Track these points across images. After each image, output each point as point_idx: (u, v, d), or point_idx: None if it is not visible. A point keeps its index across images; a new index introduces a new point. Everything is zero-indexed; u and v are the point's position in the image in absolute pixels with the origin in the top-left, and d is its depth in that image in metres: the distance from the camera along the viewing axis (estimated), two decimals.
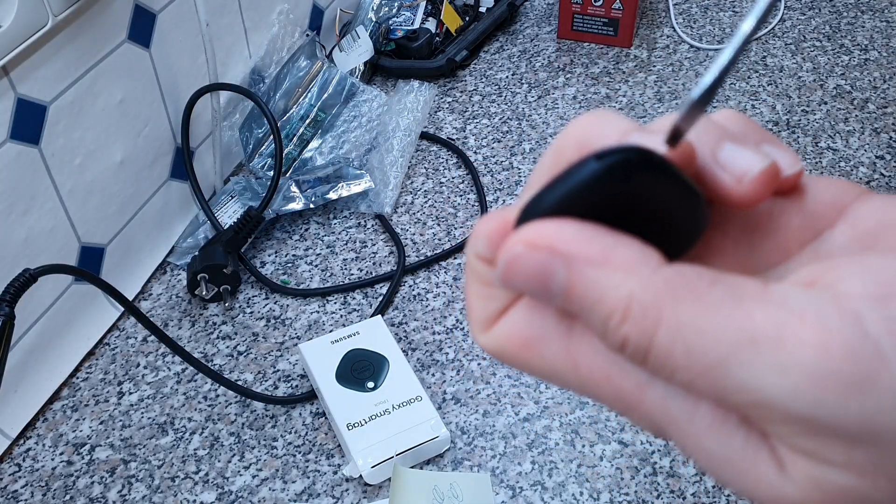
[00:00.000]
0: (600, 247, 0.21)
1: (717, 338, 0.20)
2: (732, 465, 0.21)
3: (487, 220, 0.23)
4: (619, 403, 0.23)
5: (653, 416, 0.22)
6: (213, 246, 0.76)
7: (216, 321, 0.76)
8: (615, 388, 0.22)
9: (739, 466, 0.21)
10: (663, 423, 0.22)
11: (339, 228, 0.84)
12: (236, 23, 0.87)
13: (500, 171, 0.90)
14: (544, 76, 1.03)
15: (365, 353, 0.68)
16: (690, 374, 0.20)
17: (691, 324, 0.20)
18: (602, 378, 0.23)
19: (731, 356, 0.19)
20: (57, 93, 0.65)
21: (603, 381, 0.23)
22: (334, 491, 0.63)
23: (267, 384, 0.70)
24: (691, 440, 0.22)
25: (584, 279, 0.21)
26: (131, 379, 0.71)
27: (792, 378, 0.19)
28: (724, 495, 0.61)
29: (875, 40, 1.07)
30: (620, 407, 0.23)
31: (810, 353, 0.19)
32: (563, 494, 0.62)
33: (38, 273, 0.57)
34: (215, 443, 0.66)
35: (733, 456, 0.21)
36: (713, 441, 0.21)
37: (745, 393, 0.19)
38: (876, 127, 0.94)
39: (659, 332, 0.20)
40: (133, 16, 0.72)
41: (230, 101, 0.88)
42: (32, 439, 0.67)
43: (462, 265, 0.80)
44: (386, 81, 1.04)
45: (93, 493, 0.63)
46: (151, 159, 0.78)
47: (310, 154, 0.89)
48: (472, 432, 0.66)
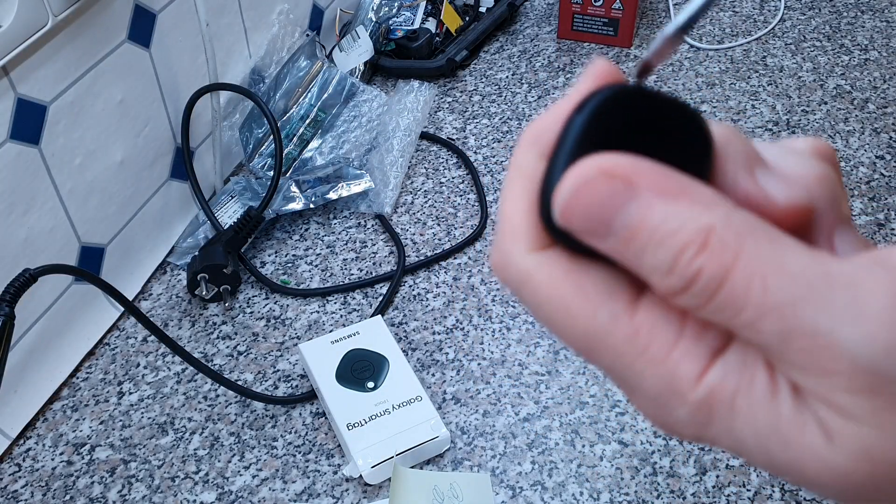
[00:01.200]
0: (677, 182, 0.20)
1: (794, 276, 0.19)
2: (779, 437, 0.20)
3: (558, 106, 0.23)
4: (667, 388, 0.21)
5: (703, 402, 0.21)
6: (213, 246, 0.76)
7: (216, 321, 0.76)
8: (671, 368, 0.21)
9: (787, 438, 0.20)
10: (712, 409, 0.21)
11: (339, 228, 0.84)
12: (236, 23, 0.87)
13: (500, 171, 0.90)
14: (544, 76, 1.03)
15: (365, 353, 0.68)
16: (761, 312, 0.19)
17: (771, 260, 0.19)
18: (660, 355, 0.21)
19: (807, 295, 0.19)
20: (57, 93, 0.65)
21: (660, 358, 0.21)
22: (334, 491, 0.63)
23: (267, 384, 0.70)
24: (741, 418, 0.21)
25: (659, 211, 0.20)
26: (131, 379, 0.71)
27: (867, 324, 0.19)
28: (724, 495, 0.61)
29: (875, 40, 1.07)
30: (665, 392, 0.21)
31: (886, 302, 0.19)
32: (563, 494, 0.62)
33: (38, 273, 0.57)
34: (215, 443, 0.66)
35: (782, 426, 0.20)
36: (764, 413, 0.21)
37: (815, 336, 0.19)
38: (876, 127, 0.94)
39: (738, 264, 0.19)
40: (133, 16, 0.72)
41: (230, 101, 0.88)
42: (32, 439, 0.67)
43: (462, 265, 0.80)
44: (386, 81, 1.04)
45: (93, 493, 0.63)
46: (151, 159, 0.78)
47: (310, 154, 0.89)
48: (472, 432, 0.66)
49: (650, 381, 0.22)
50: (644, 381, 0.22)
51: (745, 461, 0.22)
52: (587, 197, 0.20)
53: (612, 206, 0.20)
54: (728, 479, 0.62)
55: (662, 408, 0.22)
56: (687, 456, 0.63)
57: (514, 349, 0.72)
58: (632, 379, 0.22)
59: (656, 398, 0.22)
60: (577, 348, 0.22)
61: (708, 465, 0.63)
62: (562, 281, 0.22)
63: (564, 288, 0.22)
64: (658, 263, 0.20)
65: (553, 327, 0.23)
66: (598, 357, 0.22)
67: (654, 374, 0.21)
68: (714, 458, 0.63)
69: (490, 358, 0.71)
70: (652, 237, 0.20)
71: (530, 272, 0.22)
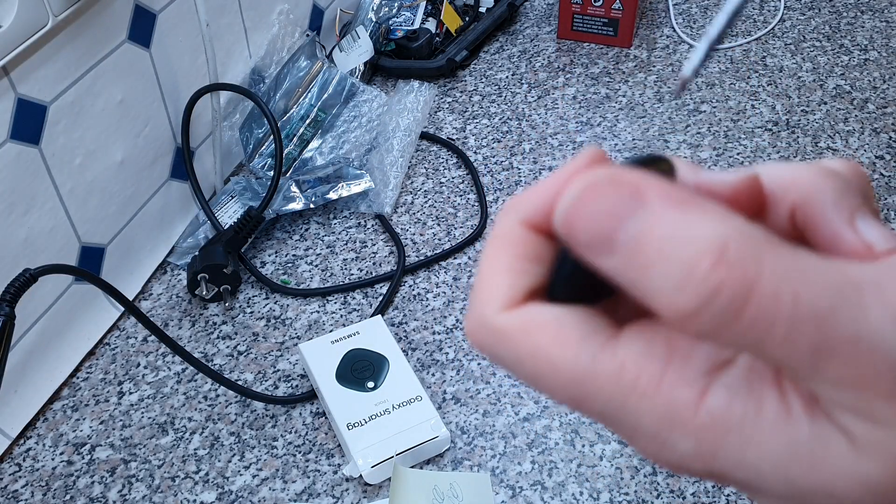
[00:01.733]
0: (687, 194, 0.19)
1: (824, 285, 0.18)
2: (801, 459, 0.19)
3: (544, 182, 0.22)
4: (665, 421, 0.20)
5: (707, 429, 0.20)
6: (213, 246, 0.76)
7: (216, 321, 0.76)
8: (666, 398, 0.20)
9: (810, 459, 0.19)
10: (718, 437, 0.20)
11: (339, 228, 0.85)
12: (236, 23, 0.87)
13: (500, 171, 0.90)
14: (544, 76, 1.03)
15: (365, 353, 0.68)
16: (795, 326, 0.18)
17: (795, 270, 0.18)
18: (651, 386, 0.20)
19: (840, 303, 0.18)
20: (57, 93, 0.65)
21: (651, 389, 0.20)
22: (334, 491, 0.63)
23: (267, 384, 0.70)
24: (754, 446, 0.20)
25: (669, 220, 0.19)
26: (131, 379, 0.71)
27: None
28: (724, 495, 0.61)
29: (875, 40, 1.07)
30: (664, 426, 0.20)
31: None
32: (563, 494, 0.62)
33: (38, 273, 0.57)
34: (215, 443, 0.66)
35: (802, 448, 0.19)
36: (780, 436, 0.19)
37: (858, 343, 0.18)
38: (876, 127, 0.94)
39: (762, 277, 0.18)
40: (133, 16, 0.72)
41: (230, 101, 0.88)
42: (33, 439, 0.67)
43: (462, 265, 0.80)
44: (386, 81, 1.04)
45: (93, 493, 0.63)
46: (151, 159, 0.78)
47: (310, 154, 0.89)
48: (472, 432, 0.66)
49: (646, 417, 0.20)
50: (640, 419, 0.20)
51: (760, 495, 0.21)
52: (592, 204, 0.19)
53: (618, 214, 0.19)
54: None
55: (664, 444, 0.20)
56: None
57: None
58: (627, 419, 0.21)
59: (656, 435, 0.20)
60: (566, 400, 0.21)
61: None
62: (538, 331, 0.21)
63: (541, 337, 0.21)
64: (667, 279, 0.18)
65: (537, 383, 0.21)
66: (589, 404, 0.21)
67: (649, 408, 0.20)
68: None
69: None
70: (662, 249, 0.18)
71: (505, 330, 0.21)
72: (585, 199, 0.20)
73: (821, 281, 0.18)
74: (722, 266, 0.18)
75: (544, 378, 0.21)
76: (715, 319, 0.18)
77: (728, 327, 0.18)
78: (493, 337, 0.22)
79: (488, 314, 0.22)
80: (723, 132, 0.94)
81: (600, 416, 0.21)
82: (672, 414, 0.20)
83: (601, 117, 0.97)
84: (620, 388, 0.20)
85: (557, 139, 0.94)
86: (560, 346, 0.21)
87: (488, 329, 0.22)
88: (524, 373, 0.22)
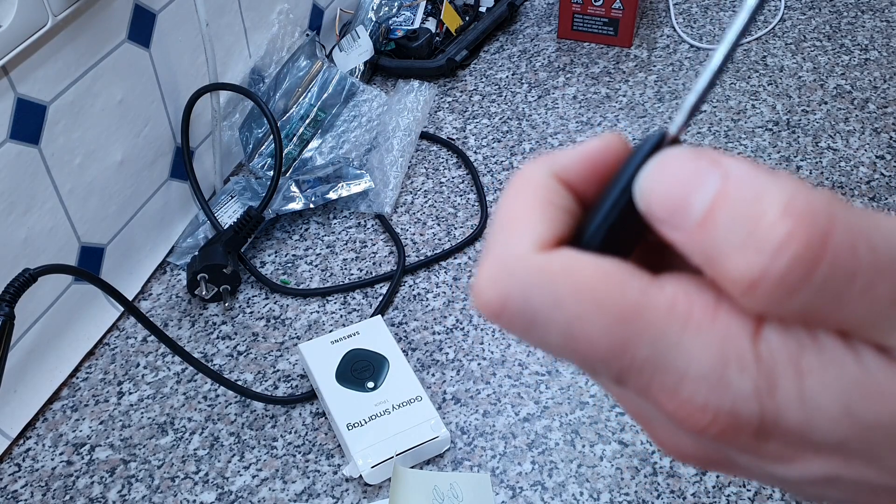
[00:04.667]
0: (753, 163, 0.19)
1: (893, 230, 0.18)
2: (869, 390, 0.19)
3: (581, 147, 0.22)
4: (721, 354, 0.19)
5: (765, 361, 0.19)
6: (213, 246, 0.76)
7: (216, 321, 0.76)
8: (723, 329, 0.19)
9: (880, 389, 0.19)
10: (778, 369, 0.19)
11: (339, 228, 0.84)
12: (236, 23, 0.87)
13: (500, 171, 0.90)
14: (544, 76, 1.03)
15: (365, 353, 0.68)
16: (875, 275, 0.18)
17: (867, 221, 0.18)
18: (707, 317, 0.19)
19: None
20: (57, 93, 0.65)
21: (707, 321, 0.19)
22: (334, 491, 0.63)
23: (267, 384, 0.70)
24: (815, 378, 0.19)
25: (743, 182, 0.18)
26: (131, 379, 0.71)
27: None
28: (724, 495, 0.61)
29: (875, 40, 1.07)
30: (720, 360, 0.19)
31: None
32: (563, 494, 0.62)
33: (38, 273, 0.57)
34: (215, 443, 0.66)
35: (869, 379, 0.19)
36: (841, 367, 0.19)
37: None
38: (876, 127, 0.94)
39: (836, 228, 0.17)
40: (133, 16, 0.72)
41: (230, 100, 0.88)
42: (32, 439, 0.67)
43: (462, 265, 0.80)
44: (386, 81, 1.04)
45: (93, 493, 0.63)
46: (151, 159, 0.78)
47: (310, 154, 0.89)
48: (472, 432, 0.66)
49: (700, 354, 0.19)
50: (692, 358, 0.19)
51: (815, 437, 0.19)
52: (673, 170, 0.19)
53: (695, 181, 0.19)
54: (728, 478, 0.62)
55: (718, 384, 0.19)
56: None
57: (514, 349, 0.72)
58: (677, 362, 0.19)
59: (710, 374, 0.19)
60: (609, 346, 0.20)
61: None
62: (582, 269, 0.20)
63: (585, 274, 0.20)
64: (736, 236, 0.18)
65: (576, 329, 0.20)
66: (634, 346, 0.19)
67: (704, 343, 0.19)
68: None
69: (490, 358, 0.71)
70: (737, 206, 0.18)
71: (544, 268, 0.20)
72: (665, 167, 0.20)
73: (890, 230, 0.18)
74: (790, 218, 0.17)
75: (587, 320, 0.19)
76: (790, 275, 0.17)
77: (804, 282, 0.17)
78: (527, 278, 0.20)
79: (521, 254, 0.20)
80: (723, 132, 0.94)
81: (644, 362, 0.19)
82: (729, 346, 0.19)
83: (601, 117, 0.96)
84: (674, 321, 0.19)
85: (558, 139, 0.94)
86: (606, 282, 0.19)
87: (522, 269, 0.20)
88: (562, 317, 0.20)
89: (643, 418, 0.24)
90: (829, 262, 0.17)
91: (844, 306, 0.18)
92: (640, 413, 0.24)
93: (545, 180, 0.22)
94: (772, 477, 0.21)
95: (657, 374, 0.19)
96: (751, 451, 0.20)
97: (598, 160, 0.22)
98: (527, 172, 0.22)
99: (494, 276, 0.20)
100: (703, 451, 0.22)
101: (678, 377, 0.19)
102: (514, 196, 0.22)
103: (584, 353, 0.20)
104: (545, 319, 0.20)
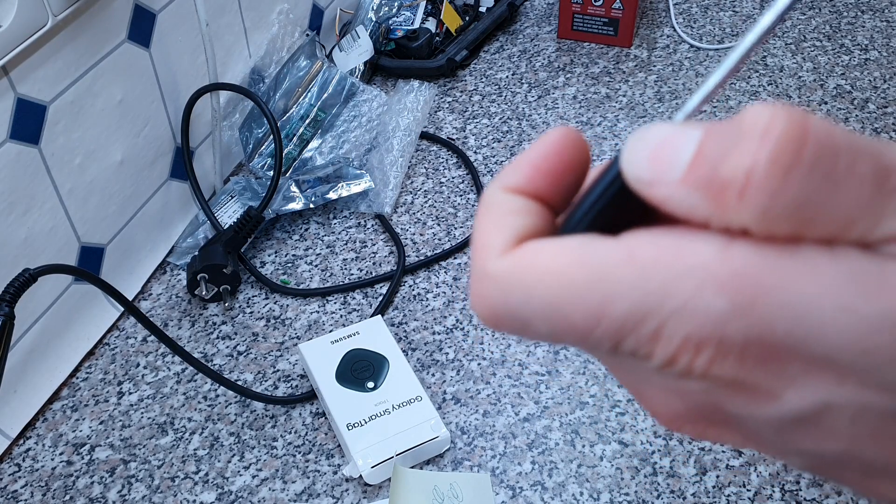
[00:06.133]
0: None
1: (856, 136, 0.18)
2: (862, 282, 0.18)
3: (523, 155, 0.23)
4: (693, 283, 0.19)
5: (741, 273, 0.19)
6: (213, 246, 0.76)
7: (216, 321, 0.76)
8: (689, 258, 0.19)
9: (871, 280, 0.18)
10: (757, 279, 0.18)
11: (339, 228, 0.84)
12: (236, 23, 0.87)
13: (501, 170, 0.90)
14: (544, 76, 1.03)
15: (365, 353, 0.68)
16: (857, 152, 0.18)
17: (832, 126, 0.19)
18: (671, 255, 0.19)
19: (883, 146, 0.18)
20: (57, 93, 0.65)
21: (671, 257, 0.19)
22: (334, 491, 0.63)
23: (267, 384, 0.70)
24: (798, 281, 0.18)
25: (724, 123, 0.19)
26: (131, 379, 0.71)
27: None
28: (724, 495, 0.61)
29: (875, 40, 1.07)
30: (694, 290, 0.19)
31: None
32: (563, 494, 0.62)
33: (37, 273, 0.57)
34: (215, 443, 0.66)
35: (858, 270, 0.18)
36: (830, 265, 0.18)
37: None
38: (876, 127, 0.94)
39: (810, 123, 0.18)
40: (133, 16, 0.72)
41: (230, 100, 0.88)
42: (32, 439, 0.67)
43: (462, 265, 0.80)
44: (386, 81, 1.04)
45: (93, 493, 0.63)
46: (151, 159, 0.78)
47: (310, 154, 0.89)
48: (472, 432, 0.66)
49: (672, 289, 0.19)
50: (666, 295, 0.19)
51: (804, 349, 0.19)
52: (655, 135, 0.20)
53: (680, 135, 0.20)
54: (728, 479, 0.62)
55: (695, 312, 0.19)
56: (687, 456, 0.63)
57: (514, 349, 0.72)
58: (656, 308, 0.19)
59: (686, 305, 0.19)
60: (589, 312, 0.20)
61: (708, 465, 0.63)
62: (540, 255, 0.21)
63: (543, 258, 0.21)
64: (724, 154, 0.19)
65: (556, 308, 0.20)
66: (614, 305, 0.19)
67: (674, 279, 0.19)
68: (714, 458, 0.63)
69: (490, 358, 0.71)
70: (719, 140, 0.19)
71: (508, 269, 0.21)
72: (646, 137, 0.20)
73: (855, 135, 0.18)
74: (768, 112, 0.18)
75: (561, 297, 0.20)
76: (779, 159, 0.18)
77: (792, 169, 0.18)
78: (498, 285, 0.21)
79: (489, 266, 0.22)
80: None
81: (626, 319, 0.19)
82: (700, 272, 0.19)
83: (601, 117, 0.96)
84: (639, 270, 0.19)
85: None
86: (564, 256, 0.20)
87: (491, 279, 0.21)
88: (537, 306, 0.20)
89: (637, 388, 0.24)
90: (813, 140, 0.18)
91: (833, 192, 0.18)
92: (635, 382, 0.24)
93: (497, 197, 0.23)
94: (764, 423, 0.21)
95: (638, 326, 0.19)
96: (738, 389, 0.20)
97: (542, 157, 0.23)
98: (484, 197, 0.23)
99: (477, 293, 0.22)
100: (695, 405, 0.22)
101: (658, 320, 0.19)
102: (477, 221, 0.23)
103: (569, 332, 0.20)
104: (527, 314, 0.21)
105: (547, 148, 0.23)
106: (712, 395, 0.21)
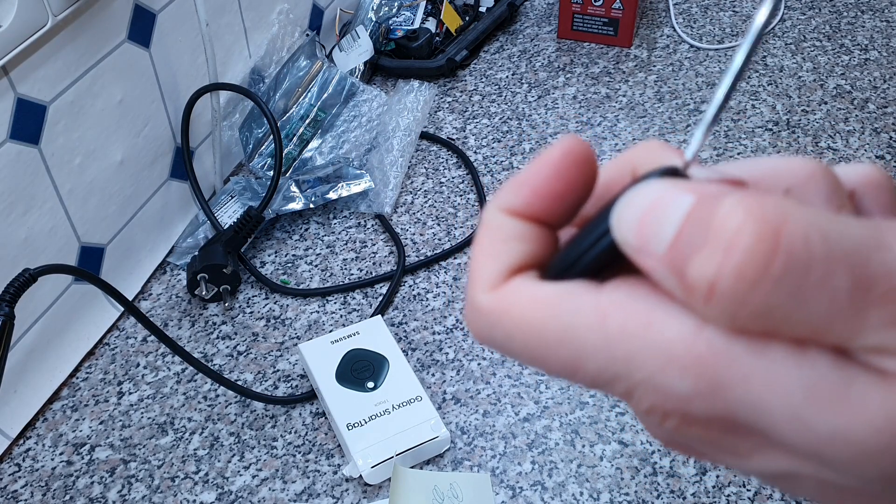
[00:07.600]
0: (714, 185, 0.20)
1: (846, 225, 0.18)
2: (819, 397, 0.18)
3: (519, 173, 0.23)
4: (658, 361, 0.19)
5: (704, 361, 0.19)
6: (213, 246, 0.76)
7: (216, 321, 0.76)
8: (657, 335, 0.19)
9: (830, 397, 0.18)
10: (719, 369, 0.19)
11: (339, 228, 0.84)
12: (236, 23, 0.87)
13: (500, 171, 0.90)
14: (544, 76, 1.03)
15: (365, 353, 0.68)
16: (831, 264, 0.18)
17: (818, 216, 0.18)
18: (640, 326, 0.19)
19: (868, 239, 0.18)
20: (57, 93, 0.65)
21: (640, 329, 0.19)
22: (334, 491, 0.63)
23: (267, 384, 0.70)
24: (761, 379, 0.18)
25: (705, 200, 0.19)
26: (131, 379, 0.71)
27: None
28: (724, 496, 0.61)
29: (875, 40, 1.07)
30: (658, 366, 0.19)
31: None
32: (563, 494, 0.62)
33: (37, 273, 0.57)
34: (215, 443, 0.66)
35: (818, 386, 0.18)
36: (793, 371, 0.18)
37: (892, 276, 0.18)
38: (876, 127, 0.94)
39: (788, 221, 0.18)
40: (133, 16, 0.72)
41: (230, 100, 0.88)
42: (32, 439, 0.67)
43: (462, 265, 0.80)
44: (386, 81, 1.04)
45: (93, 493, 0.63)
46: (151, 159, 0.78)
47: (310, 154, 0.89)
48: (472, 432, 0.66)
49: (640, 362, 0.19)
50: (634, 367, 0.19)
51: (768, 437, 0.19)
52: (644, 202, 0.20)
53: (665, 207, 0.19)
54: (728, 479, 0.62)
55: (660, 389, 0.19)
56: (687, 456, 0.63)
57: None
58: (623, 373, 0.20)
59: (650, 379, 0.19)
60: (562, 367, 0.21)
61: (708, 465, 0.63)
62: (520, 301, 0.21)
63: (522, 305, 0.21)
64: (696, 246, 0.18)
65: (532, 356, 0.21)
66: (584, 365, 0.20)
67: (640, 350, 0.19)
68: None
69: (490, 358, 0.71)
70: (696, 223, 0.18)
71: (492, 308, 0.22)
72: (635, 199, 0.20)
73: (843, 224, 0.18)
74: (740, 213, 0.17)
75: (536, 348, 0.21)
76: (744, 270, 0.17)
77: (759, 280, 0.17)
78: (484, 319, 0.22)
79: (477, 299, 0.22)
80: (723, 132, 0.94)
81: (597, 377, 0.20)
82: (665, 351, 0.19)
83: (601, 117, 0.96)
84: (607, 335, 0.20)
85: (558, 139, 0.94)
86: (540, 309, 0.21)
87: (478, 313, 0.22)
88: (518, 348, 0.21)
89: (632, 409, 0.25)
90: (783, 253, 0.17)
91: (802, 304, 0.18)
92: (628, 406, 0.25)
93: (495, 219, 0.23)
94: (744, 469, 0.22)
95: (611, 384, 0.20)
96: (710, 443, 0.21)
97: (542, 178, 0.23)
98: (483, 215, 0.23)
99: (468, 318, 0.23)
100: (675, 440, 0.23)
101: (627, 385, 0.20)
102: (475, 242, 0.23)
103: (551, 373, 0.21)
104: (509, 351, 0.22)
105: (549, 169, 0.22)
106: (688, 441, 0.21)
